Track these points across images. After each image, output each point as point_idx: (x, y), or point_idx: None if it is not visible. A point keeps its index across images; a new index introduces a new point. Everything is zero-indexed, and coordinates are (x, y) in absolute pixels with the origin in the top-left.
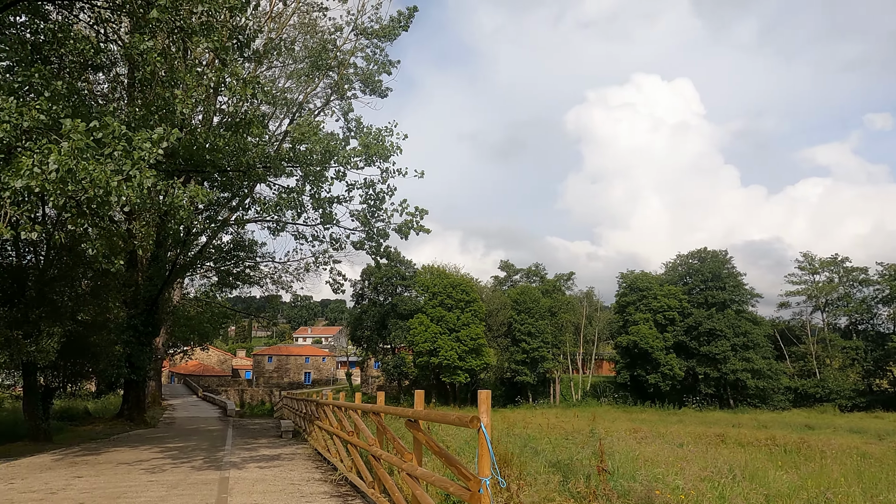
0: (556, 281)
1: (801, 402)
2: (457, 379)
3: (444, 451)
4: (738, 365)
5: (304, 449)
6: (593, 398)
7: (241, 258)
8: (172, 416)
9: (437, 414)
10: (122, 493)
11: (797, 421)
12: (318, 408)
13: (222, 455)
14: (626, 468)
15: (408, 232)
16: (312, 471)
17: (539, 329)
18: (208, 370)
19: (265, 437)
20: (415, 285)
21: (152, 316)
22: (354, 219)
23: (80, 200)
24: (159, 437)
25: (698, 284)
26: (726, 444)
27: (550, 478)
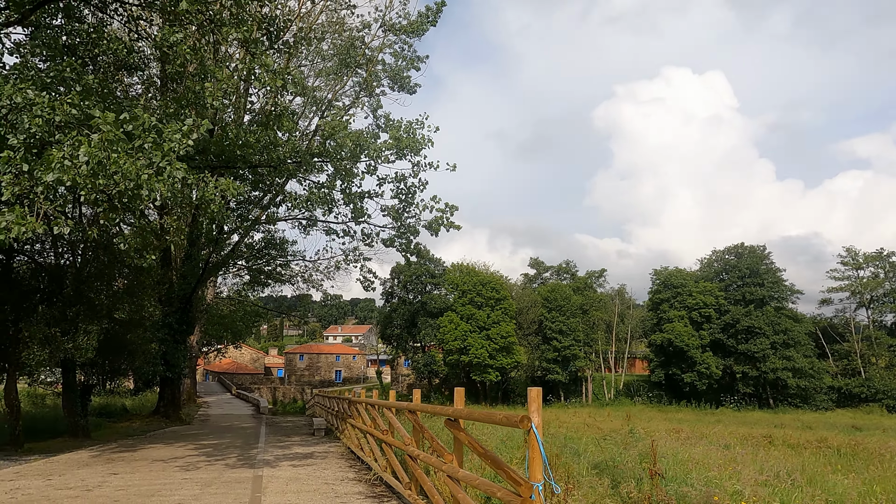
0: (588, 278)
1: (844, 402)
2: (487, 377)
3: (489, 452)
4: (779, 364)
5: (336, 447)
6: (626, 397)
7: (273, 256)
8: (207, 413)
9: (482, 413)
10: (156, 490)
11: (842, 422)
12: (351, 406)
13: (256, 453)
14: (677, 471)
15: (438, 228)
16: (346, 470)
17: (570, 327)
18: (241, 368)
19: (298, 434)
20: (444, 283)
21: (186, 314)
22: (386, 214)
23: (112, 194)
24: (194, 434)
25: (735, 281)
26: (774, 445)
27: (598, 481)
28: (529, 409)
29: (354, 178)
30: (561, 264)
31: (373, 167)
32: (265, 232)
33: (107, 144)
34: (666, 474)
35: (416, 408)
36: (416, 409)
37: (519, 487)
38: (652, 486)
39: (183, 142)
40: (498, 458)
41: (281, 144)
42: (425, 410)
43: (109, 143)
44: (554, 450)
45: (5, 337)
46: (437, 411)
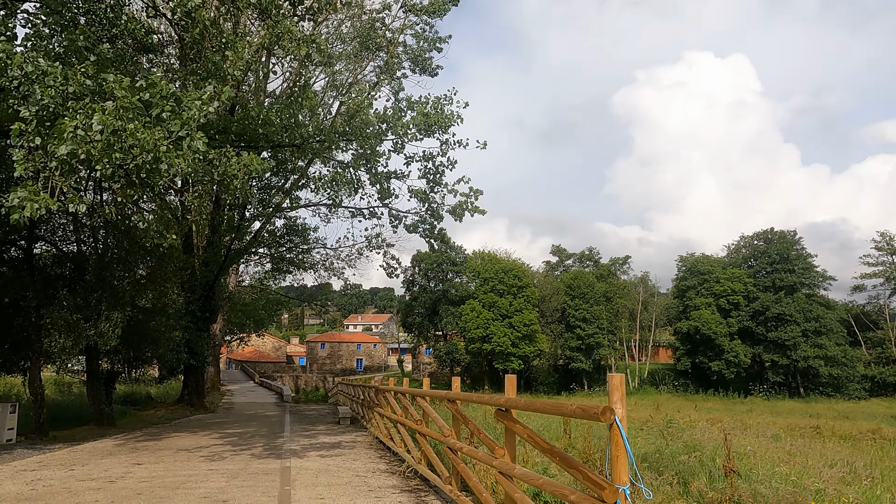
0: (611, 265)
1: (878, 391)
2: (510, 366)
3: (558, 449)
4: (810, 352)
5: (363, 437)
6: (651, 386)
7: (295, 243)
8: (231, 401)
9: (547, 404)
10: (181, 482)
11: (879, 411)
12: (378, 394)
13: (282, 442)
14: (742, 466)
15: (462, 213)
16: (376, 461)
17: (594, 315)
18: (264, 357)
19: (323, 423)
20: (465, 271)
21: (209, 302)
22: (413, 196)
23: (129, 169)
24: (218, 422)
25: (765, 267)
26: (824, 436)
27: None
28: (611, 398)
29: (380, 157)
30: (584, 251)
31: (399, 145)
32: (287, 218)
33: (122, 112)
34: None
35: (457, 396)
36: (457, 397)
37: (602, 492)
38: (728, 485)
39: (203, 108)
40: (569, 457)
41: (304, 124)
42: (469, 400)
43: (125, 111)
44: (593, 441)
45: (28, 324)
46: (485, 401)
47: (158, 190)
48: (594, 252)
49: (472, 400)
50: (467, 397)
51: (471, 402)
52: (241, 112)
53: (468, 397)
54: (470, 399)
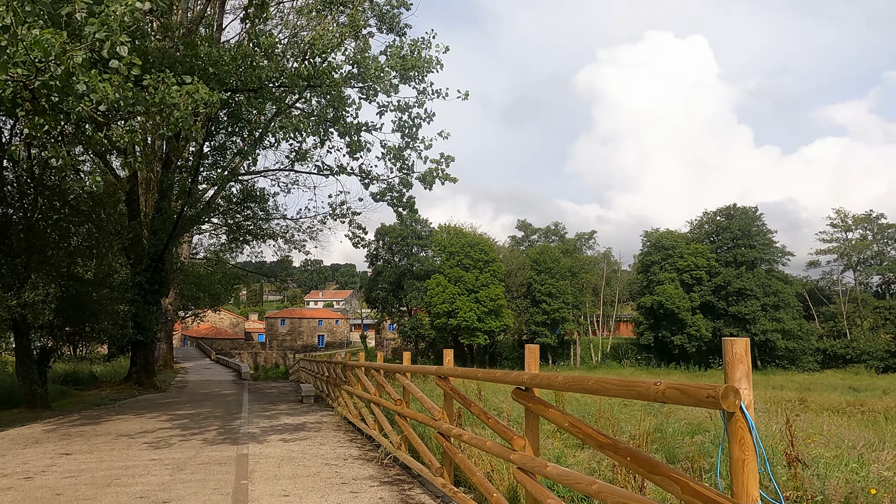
0: (577, 240)
1: (829, 363)
2: (476, 341)
3: (623, 444)
4: (768, 325)
5: (330, 417)
6: (614, 360)
7: (253, 210)
8: (185, 379)
9: (613, 381)
10: (115, 477)
11: (836, 383)
12: (347, 370)
13: (239, 424)
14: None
15: (432, 181)
16: (347, 445)
17: (560, 290)
18: (221, 333)
19: (284, 402)
20: (431, 245)
21: (158, 273)
22: (386, 153)
23: (34, 88)
24: (169, 402)
25: (727, 242)
26: (812, 410)
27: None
28: (732, 374)
29: (350, 107)
30: (549, 226)
31: (372, 91)
32: (244, 184)
33: (15, 4)
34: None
35: (452, 373)
36: (452, 374)
37: None
38: (789, 478)
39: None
40: (650, 458)
41: (260, 66)
42: (471, 377)
43: (20, 3)
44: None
45: None
46: (498, 378)
47: (76, 120)
48: (560, 227)
49: (474, 377)
50: (470, 374)
51: (474, 378)
52: (189, 52)
53: (471, 373)
54: (472, 376)
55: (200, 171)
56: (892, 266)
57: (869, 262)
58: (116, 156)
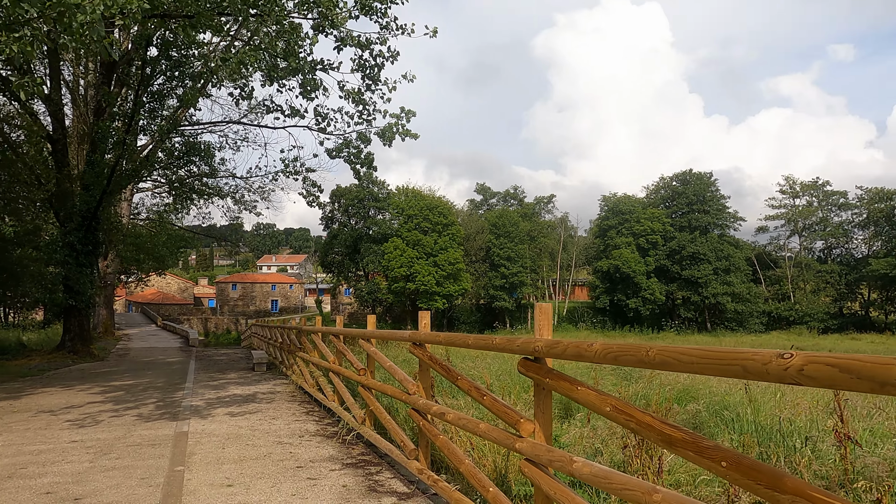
0: (536, 205)
1: (773, 325)
2: (434, 305)
3: (710, 443)
4: (719, 289)
5: (284, 385)
6: (569, 323)
7: (197, 167)
8: (127, 346)
9: (701, 352)
10: (19, 466)
11: (782, 343)
12: (302, 336)
13: (181, 396)
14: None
15: (392, 136)
16: (302, 418)
17: (518, 253)
18: (168, 299)
19: (234, 370)
20: (389, 207)
21: (93, 233)
22: (347, 97)
23: None
24: (105, 372)
25: (682, 207)
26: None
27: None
28: None
29: (304, 41)
30: (508, 190)
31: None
32: (185, 136)
33: None
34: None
35: (430, 339)
36: (429, 340)
37: None
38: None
39: None
40: (761, 465)
41: None
42: (458, 343)
43: None
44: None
45: None
46: (503, 346)
47: None
48: (519, 191)
49: (463, 343)
50: (457, 340)
51: (463, 346)
52: None
53: (459, 340)
54: (461, 343)
55: (137, 121)
56: (835, 231)
57: (814, 227)
58: (11, 72)
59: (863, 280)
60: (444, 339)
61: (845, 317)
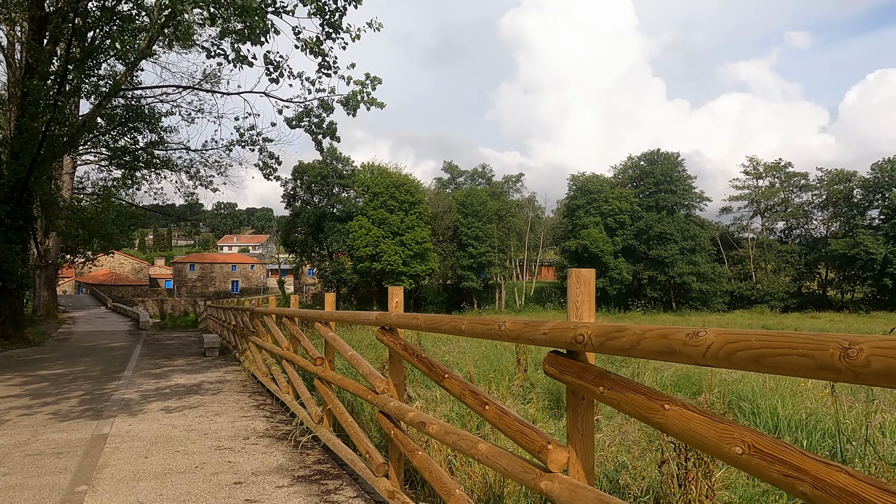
0: (504, 183)
1: (735, 304)
2: (401, 285)
3: None
4: (685, 268)
5: (235, 373)
6: (537, 303)
7: (140, 131)
8: (70, 330)
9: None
10: None
11: (747, 322)
12: (255, 318)
13: (114, 387)
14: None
15: (357, 105)
16: (251, 414)
17: (486, 233)
18: (122, 280)
19: (183, 355)
20: (354, 185)
21: (24, 206)
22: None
23: None
24: (36, 360)
25: (649, 187)
26: None
27: None
28: None
29: None
30: (476, 168)
31: None
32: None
33: None
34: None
35: (405, 323)
36: (403, 324)
37: None
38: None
39: None
40: None
41: None
42: (449, 330)
43: None
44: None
45: None
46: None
47: None
48: (487, 170)
49: (453, 330)
50: (442, 324)
51: (455, 333)
52: None
53: (444, 324)
54: (447, 328)
55: (69, 80)
56: (796, 212)
57: (775, 208)
58: None
59: (821, 260)
60: (425, 322)
61: (804, 296)
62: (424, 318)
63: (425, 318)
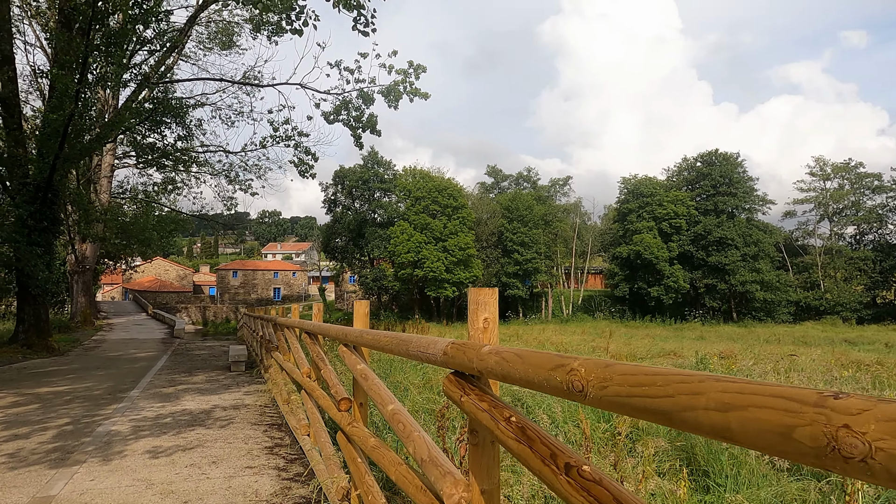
0: (551, 187)
1: (802, 314)
2: (443, 293)
3: None
4: (748, 276)
5: (255, 395)
6: (585, 313)
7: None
8: (104, 338)
9: None
10: None
11: (823, 335)
12: (279, 330)
13: (107, 415)
14: None
15: (399, 96)
16: (258, 461)
17: (533, 238)
18: (166, 286)
19: (207, 369)
20: (395, 189)
21: (49, 207)
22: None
23: None
24: (47, 372)
25: (707, 189)
26: (847, 368)
27: None
28: None
29: None
30: (521, 172)
31: None
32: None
33: None
34: None
35: (506, 370)
36: (503, 372)
37: None
38: None
39: None
40: None
41: None
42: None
43: None
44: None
45: None
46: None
47: None
48: (532, 173)
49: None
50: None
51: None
52: None
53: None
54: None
55: (92, 69)
56: (868, 216)
57: (845, 212)
58: None
59: None
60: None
61: (879, 307)
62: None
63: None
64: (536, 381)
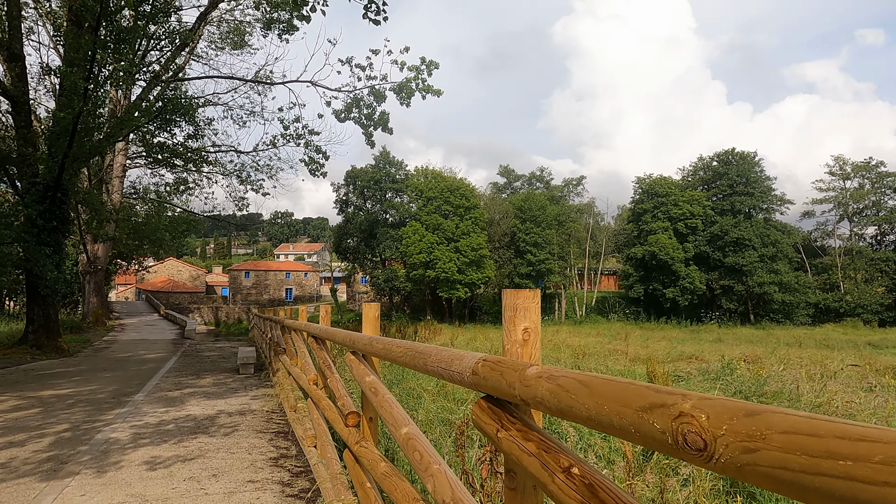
0: (564, 187)
1: (821, 316)
2: (455, 294)
3: None
4: (766, 277)
5: (263, 400)
6: (598, 314)
7: (177, 123)
8: (114, 338)
9: None
10: None
11: (845, 338)
12: (286, 333)
13: (108, 420)
14: None
15: (411, 93)
16: (261, 474)
17: (546, 239)
18: (178, 286)
19: (215, 371)
20: (407, 189)
21: (59, 206)
22: None
23: None
24: (53, 374)
25: (724, 189)
26: (881, 374)
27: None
28: None
29: None
30: (534, 172)
31: None
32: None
33: None
34: None
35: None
36: (555, 406)
37: None
38: None
39: None
40: None
41: None
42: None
43: None
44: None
45: None
46: None
47: None
48: (545, 173)
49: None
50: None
51: None
52: None
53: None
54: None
55: (100, 66)
56: (889, 216)
57: (865, 212)
58: None
59: None
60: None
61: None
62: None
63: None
64: (617, 426)
